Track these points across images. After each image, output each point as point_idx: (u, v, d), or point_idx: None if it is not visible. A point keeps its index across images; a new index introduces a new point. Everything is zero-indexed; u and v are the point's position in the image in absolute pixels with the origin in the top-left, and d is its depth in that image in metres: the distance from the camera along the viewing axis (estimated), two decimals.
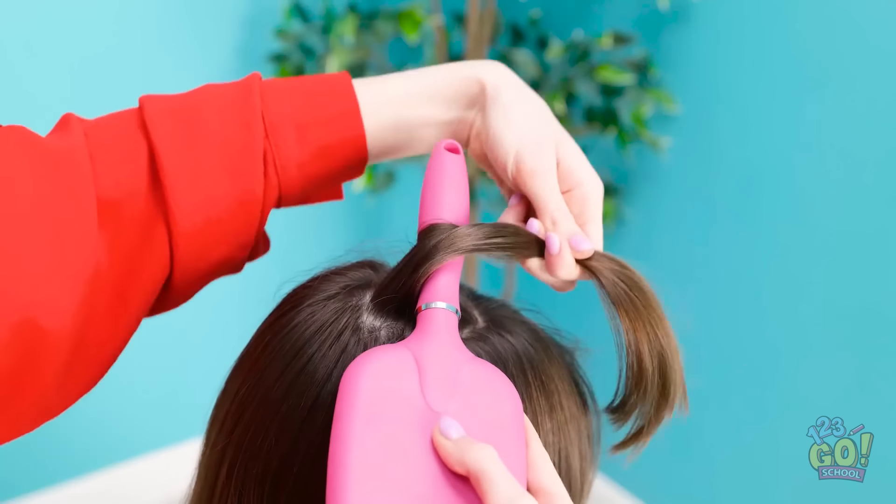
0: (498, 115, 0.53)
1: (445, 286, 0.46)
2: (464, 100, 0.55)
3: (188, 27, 1.58)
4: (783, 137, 1.36)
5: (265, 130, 0.51)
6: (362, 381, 0.40)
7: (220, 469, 0.47)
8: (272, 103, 0.52)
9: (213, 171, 0.49)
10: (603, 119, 1.51)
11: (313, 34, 1.56)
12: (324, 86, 0.54)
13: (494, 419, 0.41)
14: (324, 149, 0.53)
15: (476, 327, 0.49)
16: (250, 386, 0.47)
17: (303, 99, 0.53)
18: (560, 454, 0.48)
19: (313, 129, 0.52)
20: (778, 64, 1.34)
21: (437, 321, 0.44)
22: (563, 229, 0.49)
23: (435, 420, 0.40)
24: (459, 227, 0.47)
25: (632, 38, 1.45)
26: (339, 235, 1.88)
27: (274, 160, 0.51)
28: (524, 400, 0.47)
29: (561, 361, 0.51)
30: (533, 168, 0.51)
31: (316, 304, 0.48)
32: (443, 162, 0.50)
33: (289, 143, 0.51)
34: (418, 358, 0.42)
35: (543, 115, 0.54)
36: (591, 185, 0.52)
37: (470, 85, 0.55)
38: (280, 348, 0.47)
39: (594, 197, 0.52)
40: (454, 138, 0.56)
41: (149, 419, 1.78)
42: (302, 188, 0.53)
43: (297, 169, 0.52)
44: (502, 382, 0.43)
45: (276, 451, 0.44)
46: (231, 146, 0.50)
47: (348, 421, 0.39)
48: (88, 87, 1.51)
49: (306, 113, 0.52)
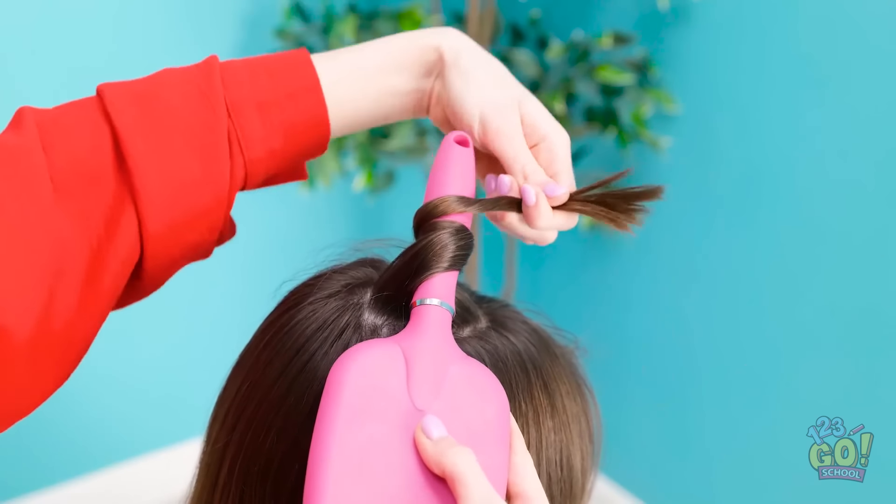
0: (458, 79, 0.54)
1: (442, 283, 0.46)
2: (422, 68, 0.56)
3: (188, 27, 1.58)
4: (783, 137, 1.36)
5: (227, 110, 0.51)
6: (348, 377, 0.40)
7: (221, 467, 0.48)
8: (232, 84, 0.52)
9: (179, 153, 0.49)
10: (603, 119, 1.51)
11: (313, 34, 1.57)
12: (283, 63, 0.54)
13: (478, 420, 0.41)
14: (286, 125, 0.53)
15: (478, 327, 0.49)
16: (251, 384, 0.47)
17: (264, 78, 0.53)
18: (562, 453, 0.48)
19: (274, 107, 0.52)
20: (778, 64, 1.35)
21: (431, 318, 0.44)
22: (535, 181, 0.50)
23: (418, 418, 0.40)
24: (455, 227, 0.47)
25: (632, 38, 1.46)
26: (339, 235, 1.88)
27: (238, 140, 0.51)
28: (526, 400, 0.47)
29: (562, 361, 0.52)
30: (498, 127, 0.52)
31: (317, 302, 0.48)
32: (451, 154, 0.50)
33: (252, 122, 0.51)
34: (407, 354, 0.42)
35: (503, 76, 0.56)
36: (556, 136, 0.54)
37: (427, 53, 0.56)
38: (281, 346, 0.47)
39: (561, 147, 0.54)
40: (416, 106, 0.57)
41: (149, 419, 1.78)
42: (267, 168, 0.53)
43: (261, 147, 0.52)
44: (490, 383, 0.43)
45: (278, 449, 0.44)
46: (195, 127, 0.50)
47: (331, 417, 0.39)
48: (87, 89, 1.51)
49: (267, 91, 0.52)
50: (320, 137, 0.55)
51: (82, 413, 1.64)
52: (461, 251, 0.47)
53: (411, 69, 0.56)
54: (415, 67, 0.56)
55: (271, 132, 0.52)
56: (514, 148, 0.52)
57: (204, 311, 1.77)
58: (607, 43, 1.44)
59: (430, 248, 0.46)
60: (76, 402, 1.61)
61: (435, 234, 0.47)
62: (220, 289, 1.75)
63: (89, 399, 1.64)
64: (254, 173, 0.53)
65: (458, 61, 0.55)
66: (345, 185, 1.77)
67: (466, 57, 0.55)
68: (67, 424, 1.62)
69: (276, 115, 0.52)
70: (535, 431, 0.47)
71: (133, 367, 1.72)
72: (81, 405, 1.63)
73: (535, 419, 0.47)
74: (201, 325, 1.78)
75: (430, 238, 0.47)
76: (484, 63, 0.55)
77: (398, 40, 0.56)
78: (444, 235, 0.47)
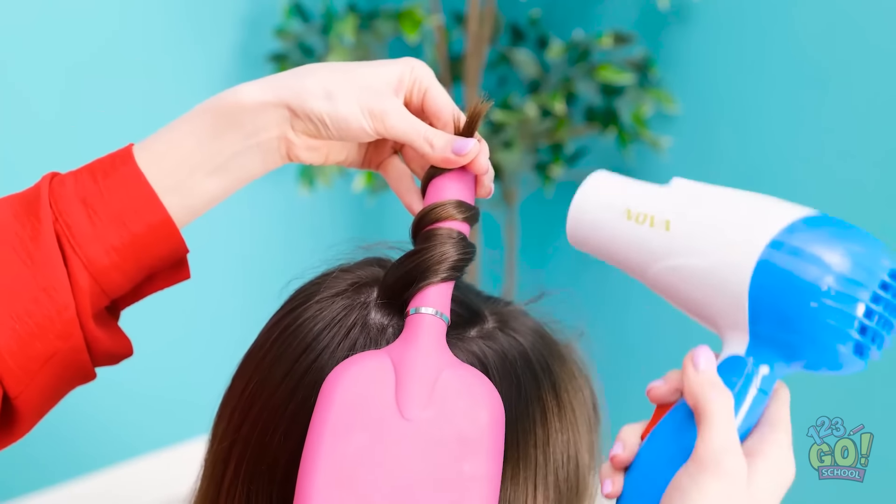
0: (318, 99, 0.49)
1: (436, 292, 0.46)
2: (240, 130, 0.50)
3: (188, 27, 1.58)
4: (783, 137, 1.37)
5: (53, 212, 0.48)
6: (337, 390, 0.41)
7: (227, 466, 0.48)
8: (57, 188, 0.49)
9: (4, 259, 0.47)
10: (603, 119, 1.51)
11: (313, 34, 1.57)
12: (105, 158, 0.50)
13: (470, 427, 0.41)
14: (113, 215, 0.49)
15: (485, 326, 0.50)
16: (258, 382, 0.48)
17: (85, 175, 0.49)
18: (569, 451, 0.48)
19: (97, 198, 0.49)
20: (778, 63, 1.35)
21: (423, 327, 0.44)
22: (443, 145, 0.49)
23: (406, 429, 0.40)
24: (454, 236, 0.47)
25: (632, 38, 1.46)
26: (339, 236, 1.89)
27: (69, 239, 0.48)
28: (533, 400, 0.48)
29: (568, 359, 0.52)
30: (382, 108, 0.49)
31: (324, 301, 0.49)
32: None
33: (79, 219, 0.48)
34: (397, 364, 0.42)
35: (342, 68, 0.51)
36: (420, 71, 0.51)
37: (238, 114, 0.50)
38: (288, 344, 0.48)
39: (429, 82, 0.51)
40: (274, 157, 0.51)
41: (149, 419, 1.78)
42: (120, 269, 0.49)
43: (97, 245, 0.48)
44: (483, 389, 0.43)
45: (285, 448, 0.45)
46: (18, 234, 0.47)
47: (320, 429, 0.40)
48: (86, 89, 1.51)
49: (88, 187, 0.49)
50: (161, 225, 0.49)
51: (81, 413, 1.64)
52: (460, 263, 0.47)
53: (247, 135, 0.50)
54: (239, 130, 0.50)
55: (102, 227, 0.48)
56: (405, 122, 0.49)
57: (203, 310, 1.77)
58: (607, 42, 1.44)
59: (428, 258, 0.46)
60: (75, 403, 1.61)
61: (434, 245, 0.47)
62: (219, 288, 1.75)
63: (88, 399, 1.64)
64: (105, 279, 0.49)
65: (303, 86, 0.49)
66: (345, 185, 1.77)
67: (301, 77, 0.50)
68: (67, 425, 1.62)
69: (101, 206, 0.48)
70: (543, 432, 0.47)
71: (132, 366, 1.72)
72: (80, 405, 1.63)
73: (542, 420, 0.48)
74: (200, 325, 1.78)
75: (427, 248, 0.47)
76: (313, 69, 0.51)
77: (206, 119, 0.51)
78: (443, 247, 0.47)
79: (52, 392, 0.50)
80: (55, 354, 0.48)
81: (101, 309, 0.50)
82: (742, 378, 0.43)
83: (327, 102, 0.49)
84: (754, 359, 0.43)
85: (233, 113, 0.50)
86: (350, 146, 0.55)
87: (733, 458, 0.40)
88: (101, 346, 0.50)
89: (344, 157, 0.55)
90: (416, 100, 0.52)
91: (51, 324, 0.47)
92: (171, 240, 0.50)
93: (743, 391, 0.42)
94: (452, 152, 0.48)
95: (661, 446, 0.43)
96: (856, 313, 0.40)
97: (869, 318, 0.40)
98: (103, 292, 0.49)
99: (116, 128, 1.27)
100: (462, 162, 0.49)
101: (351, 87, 0.49)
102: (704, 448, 0.40)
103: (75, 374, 0.50)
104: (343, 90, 0.49)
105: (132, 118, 1.50)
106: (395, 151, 0.56)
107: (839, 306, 0.40)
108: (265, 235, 1.80)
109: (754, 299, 0.42)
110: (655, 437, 0.44)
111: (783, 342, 0.42)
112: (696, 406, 0.41)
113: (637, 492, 0.43)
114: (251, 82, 0.51)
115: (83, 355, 0.49)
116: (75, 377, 0.51)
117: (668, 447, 0.43)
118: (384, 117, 0.49)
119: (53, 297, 0.47)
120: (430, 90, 0.51)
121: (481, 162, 0.49)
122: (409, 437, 0.40)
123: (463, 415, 0.41)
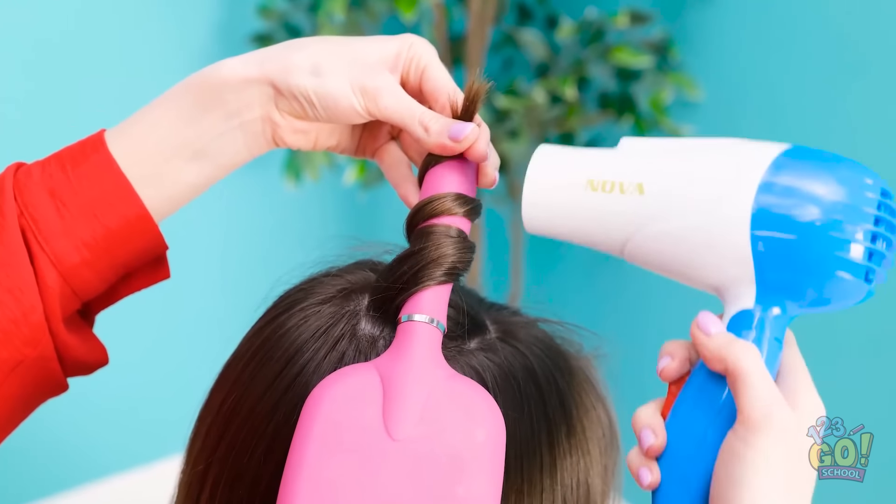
0: (304, 75, 0.48)
1: (432, 298, 0.45)
2: (222, 109, 0.50)
3: (163, 3, 1.58)
4: (815, 128, 1.36)
5: (18, 206, 0.48)
6: (321, 408, 0.41)
7: (202, 490, 0.47)
8: (24, 180, 0.48)
9: None
10: (618, 106, 1.51)
11: (300, 12, 1.57)
12: (74, 146, 0.50)
13: (463, 444, 0.40)
14: (84, 208, 0.48)
15: (486, 338, 0.49)
16: (236, 397, 0.47)
17: (53, 165, 0.49)
18: (579, 476, 0.48)
19: (66, 190, 0.48)
20: (811, 46, 1.34)
21: (416, 336, 0.43)
22: (439, 129, 0.48)
23: (392, 449, 0.40)
24: (453, 233, 0.46)
25: (650, 17, 1.46)
26: (330, 232, 1.88)
27: (35, 235, 0.47)
28: (539, 419, 0.47)
29: (580, 375, 0.51)
30: (376, 86, 0.49)
31: (310, 308, 0.48)
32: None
33: (46, 213, 0.48)
34: (386, 380, 0.42)
35: (337, 41, 0.51)
36: (420, 48, 0.51)
37: (219, 90, 0.50)
38: (270, 356, 0.47)
39: (430, 61, 0.50)
40: (259, 141, 0.51)
41: (119, 437, 1.78)
42: (90, 265, 0.49)
43: (65, 241, 0.48)
44: (480, 403, 0.42)
45: (265, 471, 0.44)
46: None
47: (302, 451, 0.40)
48: (54, 69, 1.50)
49: (57, 178, 0.49)
50: (136, 218, 0.49)
51: (48, 430, 1.63)
52: (458, 264, 0.46)
53: (222, 117, 0.50)
54: (214, 109, 0.50)
55: (72, 221, 0.48)
56: (400, 103, 0.49)
57: (180, 316, 1.77)
58: (623, 22, 1.44)
59: (423, 259, 0.45)
60: (42, 419, 1.60)
61: (429, 244, 0.46)
62: (196, 293, 1.74)
63: (58, 413, 1.64)
64: (76, 278, 0.48)
65: (291, 60, 0.49)
66: (334, 178, 1.77)
67: (289, 52, 0.50)
68: (34, 441, 1.62)
69: (71, 198, 0.48)
70: (549, 455, 0.47)
71: (97, 380, 1.72)
72: (48, 421, 1.63)
73: (548, 441, 0.47)
74: (176, 331, 1.78)
75: (422, 248, 0.46)
76: (304, 43, 0.50)
77: (186, 100, 0.50)
78: (440, 247, 0.45)
79: (21, 405, 0.50)
80: (22, 363, 0.48)
81: (72, 312, 0.50)
82: (754, 330, 0.45)
83: (314, 78, 0.48)
84: (762, 307, 0.45)
85: (214, 90, 0.49)
86: (341, 129, 0.54)
87: (782, 409, 0.41)
88: (73, 353, 0.50)
89: (335, 142, 0.54)
90: (414, 79, 0.51)
91: (17, 329, 0.47)
92: (148, 234, 0.50)
93: (759, 343, 0.44)
94: (449, 138, 0.47)
95: (691, 419, 0.44)
96: (860, 238, 0.43)
97: (872, 242, 0.43)
98: (74, 293, 0.49)
99: (86, 112, 1.26)
100: (460, 148, 0.48)
101: (341, 61, 0.49)
102: (750, 406, 0.41)
103: (45, 385, 0.50)
104: (332, 64, 0.49)
105: (104, 102, 1.49)
106: (392, 137, 0.55)
107: (842, 236, 0.43)
108: (247, 234, 1.79)
109: (757, 250, 0.44)
110: (681, 411, 0.45)
111: (791, 284, 0.44)
112: (725, 369, 0.42)
113: (679, 472, 0.44)
114: (236, 57, 0.50)
115: (53, 364, 0.49)
116: (45, 388, 0.50)
117: (699, 418, 0.44)
118: (377, 96, 0.48)
119: (19, 298, 0.47)
120: (429, 68, 0.50)
121: (480, 148, 0.48)
122: (397, 458, 0.40)
123: (456, 432, 0.41)
